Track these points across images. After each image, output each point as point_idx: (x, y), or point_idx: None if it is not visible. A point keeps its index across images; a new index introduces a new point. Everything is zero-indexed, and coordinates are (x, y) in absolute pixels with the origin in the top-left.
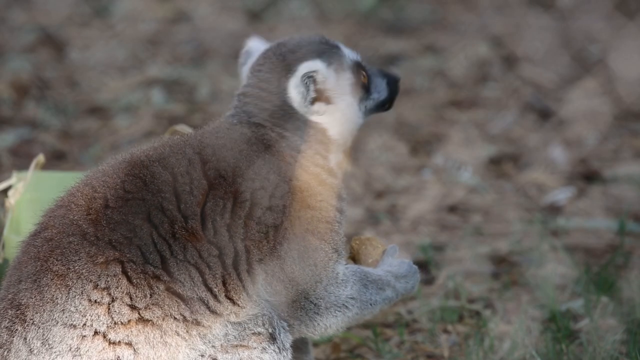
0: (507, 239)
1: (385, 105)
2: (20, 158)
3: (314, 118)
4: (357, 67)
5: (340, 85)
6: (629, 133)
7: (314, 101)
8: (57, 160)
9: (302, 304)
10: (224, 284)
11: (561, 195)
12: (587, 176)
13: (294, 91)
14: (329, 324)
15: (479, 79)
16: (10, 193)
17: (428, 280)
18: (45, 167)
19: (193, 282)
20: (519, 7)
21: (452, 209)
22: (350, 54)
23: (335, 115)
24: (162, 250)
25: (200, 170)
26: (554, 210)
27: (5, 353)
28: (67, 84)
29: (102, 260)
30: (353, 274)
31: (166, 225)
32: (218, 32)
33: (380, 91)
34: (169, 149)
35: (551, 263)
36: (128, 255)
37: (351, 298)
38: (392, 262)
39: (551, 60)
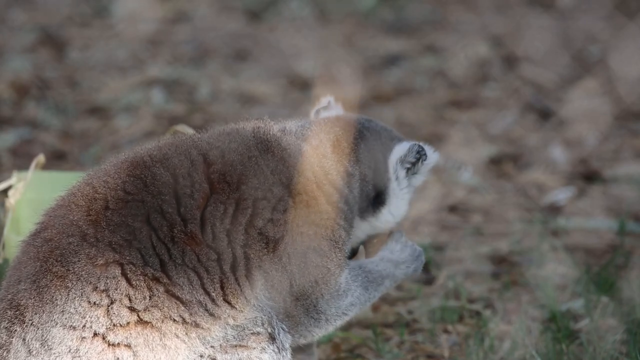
0: (507, 239)
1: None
2: (20, 158)
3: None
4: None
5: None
6: (629, 133)
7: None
8: (57, 160)
9: (301, 319)
10: (222, 287)
11: (561, 195)
12: (587, 176)
13: (405, 155)
14: (325, 332)
15: (479, 79)
16: (10, 193)
17: (428, 280)
18: (45, 167)
19: (192, 285)
20: (519, 7)
21: (452, 209)
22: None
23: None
24: (161, 254)
25: (202, 173)
26: (554, 210)
27: (5, 354)
28: (67, 84)
29: (101, 262)
30: (354, 280)
31: (165, 228)
32: (218, 32)
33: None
34: (174, 149)
35: (551, 263)
36: (127, 258)
37: (352, 305)
38: (394, 247)
39: (551, 60)
